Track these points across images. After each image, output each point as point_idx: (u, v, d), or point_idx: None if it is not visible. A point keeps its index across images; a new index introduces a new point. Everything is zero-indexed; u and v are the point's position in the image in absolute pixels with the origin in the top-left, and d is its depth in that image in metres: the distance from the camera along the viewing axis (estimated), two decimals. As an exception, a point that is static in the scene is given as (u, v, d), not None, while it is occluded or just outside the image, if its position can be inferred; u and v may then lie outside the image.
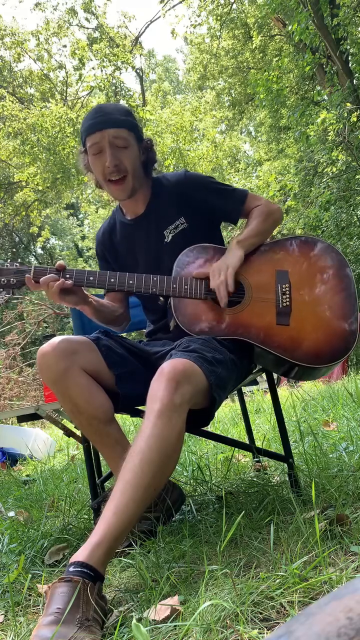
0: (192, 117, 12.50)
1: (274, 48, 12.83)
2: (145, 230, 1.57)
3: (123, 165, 1.45)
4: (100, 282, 1.42)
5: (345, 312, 1.42)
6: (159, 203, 1.57)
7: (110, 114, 1.45)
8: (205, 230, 1.58)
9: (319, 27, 7.81)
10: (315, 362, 1.36)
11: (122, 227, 1.63)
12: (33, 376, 8.44)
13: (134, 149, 1.48)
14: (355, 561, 0.95)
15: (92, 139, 1.44)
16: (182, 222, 1.54)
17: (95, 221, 20.96)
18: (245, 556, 1.08)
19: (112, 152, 1.43)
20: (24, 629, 0.96)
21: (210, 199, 1.55)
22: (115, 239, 1.65)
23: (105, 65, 11.19)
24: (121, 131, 1.44)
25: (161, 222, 1.55)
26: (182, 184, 1.55)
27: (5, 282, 1.39)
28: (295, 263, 1.49)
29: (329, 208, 8.61)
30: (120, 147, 1.44)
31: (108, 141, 1.43)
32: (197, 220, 1.56)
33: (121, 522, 0.98)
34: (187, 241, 1.52)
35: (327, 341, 1.38)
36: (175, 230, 1.54)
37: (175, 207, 1.55)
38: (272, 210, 1.56)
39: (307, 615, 0.36)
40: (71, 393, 1.29)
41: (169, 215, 1.55)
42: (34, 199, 12.41)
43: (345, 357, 1.39)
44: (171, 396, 1.07)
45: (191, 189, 1.55)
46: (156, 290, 1.42)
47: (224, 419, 3.75)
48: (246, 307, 1.42)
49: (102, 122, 1.43)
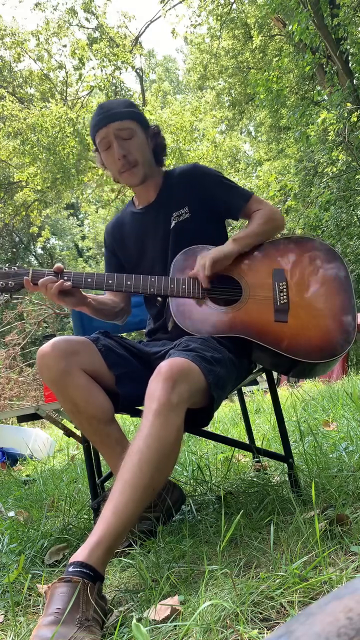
0: (192, 117, 12.50)
1: (274, 48, 12.83)
2: (155, 217, 1.60)
3: (132, 156, 1.51)
4: (98, 283, 1.43)
5: (343, 308, 1.42)
6: (168, 191, 1.60)
7: (112, 109, 1.49)
8: (206, 224, 1.59)
9: (319, 27, 7.82)
10: (313, 358, 1.36)
11: (131, 217, 1.67)
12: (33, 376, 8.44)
13: (140, 138, 1.52)
14: (355, 561, 0.95)
15: (100, 135, 1.50)
16: (185, 211, 1.57)
17: (96, 221, 20.97)
18: (245, 556, 1.08)
19: (119, 144, 1.49)
20: (24, 629, 0.96)
21: (215, 189, 1.58)
22: (125, 230, 1.68)
23: (105, 65, 11.19)
24: (125, 123, 1.49)
25: (169, 209, 1.58)
26: (191, 173, 1.60)
27: (3, 285, 1.41)
28: (293, 262, 1.49)
29: (329, 208, 8.61)
30: (126, 138, 1.50)
31: (114, 134, 1.48)
32: (200, 212, 1.58)
33: (120, 521, 0.98)
34: (187, 231, 1.55)
35: (326, 337, 1.39)
36: (178, 218, 1.57)
37: (182, 195, 1.58)
38: (274, 215, 1.57)
39: (307, 615, 0.36)
40: (71, 393, 1.29)
41: (176, 203, 1.58)
42: (34, 199, 12.41)
43: (344, 353, 1.39)
44: (168, 395, 1.07)
45: (198, 179, 1.58)
46: (154, 291, 1.43)
47: (224, 419, 3.75)
48: (244, 305, 1.42)
49: (106, 117, 1.48)
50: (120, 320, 1.71)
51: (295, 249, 1.52)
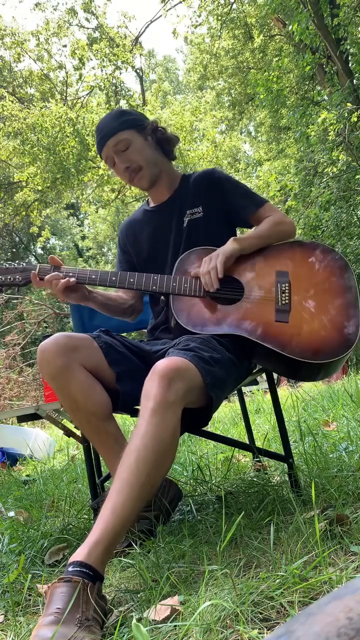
0: (192, 117, 12.49)
1: (274, 48, 12.82)
2: (167, 215, 1.63)
3: (134, 164, 1.55)
4: (102, 280, 1.46)
5: (345, 311, 1.42)
6: (183, 192, 1.63)
7: (104, 128, 1.56)
8: (218, 225, 1.60)
9: (319, 27, 7.81)
10: (313, 359, 1.35)
11: (144, 215, 1.71)
12: (33, 376, 8.44)
13: (137, 142, 1.55)
14: (355, 561, 0.95)
15: (103, 156, 1.59)
16: (199, 211, 1.59)
17: (95, 221, 20.97)
18: (245, 556, 1.08)
19: (119, 158, 1.55)
20: (24, 629, 0.95)
21: (231, 195, 1.60)
22: (136, 227, 1.71)
23: (105, 65, 11.19)
24: (118, 136, 1.54)
25: (183, 208, 1.61)
26: (208, 176, 1.63)
27: (11, 280, 1.46)
28: (296, 265, 1.49)
29: (329, 208, 8.61)
30: (124, 150, 1.55)
31: (113, 152, 1.55)
32: (213, 214, 1.59)
33: (119, 520, 0.98)
34: (199, 230, 1.57)
35: (327, 339, 1.38)
36: (191, 216, 1.59)
37: (198, 196, 1.60)
38: (284, 220, 1.57)
39: (307, 615, 0.36)
40: (70, 389, 1.29)
41: (190, 202, 1.60)
42: (34, 199, 12.41)
43: (344, 357, 1.38)
44: (164, 394, 1.07)
45: (216, 182, 1.61)
46: (156, 289, 1.44)
47: (224, 419, 3.75)
48: (245, 305, 1.42)
49: (102, 138, 1.56)
50: (129, 317, 1.72)
51: (300, 253, 1.52)
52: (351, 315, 1.41)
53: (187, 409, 1.14)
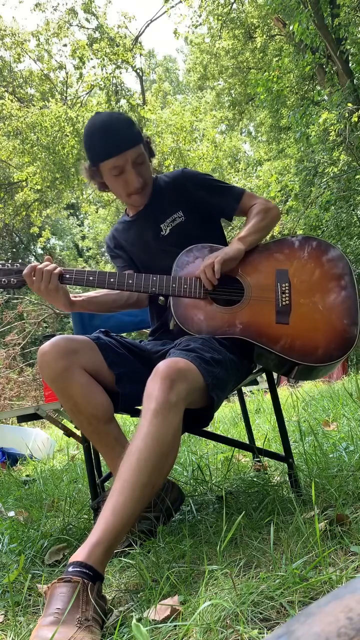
0: (192, 117, 12.50)
1: (274, 48, 12.81)
2: (143, 225, 1.60)
3: (145, 180, 1.52)
4: (100, 281, 1.43)
5: (346, 311, 1.41)
6: (157, 199, 1.60)
7: (120, 133, 1.45)
8: (202, 225, 1.59)
9: (319, 27, 7.80)
10: (314, 361, 1.35)
11: (124, 226, 1.68)
12: (33, 376, 8.44)
13: (147, 159, 1.53)
14: (355, 561, 0.95)
15: (112, 162, 1.45)
16: (179, 215, 1.57)
17: (95, 221, 20.95)
18: (245, 556, 1.08)
19: (137, 172, 1.48)
20: (24, 629, 0.95)
21: (207, 195, 1.58)
22: (121, 238, 1.69)
23: (105, 64, 11.18)
24: (138, 148, 1.48)
25: (158, 217, 1.58)
26: (180, 179, 1.59)
27: (6, 282, 1.42)
28: (296, 262, 1.49)
29: (329, 208, 8.61)
30: (140, 163, 1.49)
31: (131, 162, 1.46)
32: (194, 215, 1.58)
33: (119, 521, 0.98)
34: (184, 234, 1.55)
35: (327, 340, 1.38)
36: (172, 223, 1.57)
37: (173, 201, 1.58)
38: (269, 207, 1.57)
39: (307, 615, 0.36)
40: (71, 392, 1.29)
41: (166, 210, 1.58)
42: (34, 199, 12.40)
43: (344, 358, 1.38)
44: (166, 395, 1.07)
45: (188, 185, 1.58)
46: (155, 290, 1.43)
47: (224, 419, 3.75)
48: (245, 306, 1.42)
49: (119, 144, 1.44)
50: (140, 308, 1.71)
51: (299, 250, 1.51)
52: (351, 315, 1.41)
53: (188, 409, 1.14)
